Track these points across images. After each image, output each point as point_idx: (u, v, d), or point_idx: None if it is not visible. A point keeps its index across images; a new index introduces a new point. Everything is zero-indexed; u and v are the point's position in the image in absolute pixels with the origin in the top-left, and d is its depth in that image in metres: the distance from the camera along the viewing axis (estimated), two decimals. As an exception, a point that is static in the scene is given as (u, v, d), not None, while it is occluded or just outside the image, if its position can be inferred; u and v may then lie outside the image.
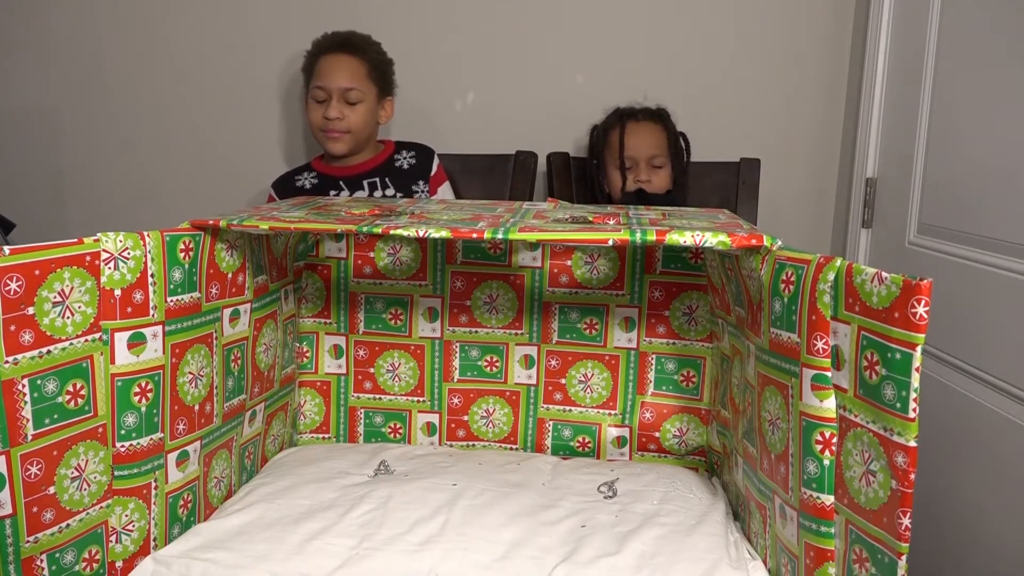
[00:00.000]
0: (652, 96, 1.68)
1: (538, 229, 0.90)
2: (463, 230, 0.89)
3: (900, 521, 0.69)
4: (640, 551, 0.92)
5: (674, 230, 0.88)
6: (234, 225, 0.95)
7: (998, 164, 1.21)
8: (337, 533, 0.96)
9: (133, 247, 0.88)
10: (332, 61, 1.58)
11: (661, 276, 1.20)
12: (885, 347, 0.70)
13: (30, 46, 1.83)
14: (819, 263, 0.78)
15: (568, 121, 1.78)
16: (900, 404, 0.69)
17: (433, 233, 0.89)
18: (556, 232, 0.89)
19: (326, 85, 1.55)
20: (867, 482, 0.73)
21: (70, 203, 1.89)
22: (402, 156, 1.65)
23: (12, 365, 0.77)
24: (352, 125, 1.56)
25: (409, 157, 1.64)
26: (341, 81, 1.56)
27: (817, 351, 0.78)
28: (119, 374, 0.88)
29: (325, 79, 1.56)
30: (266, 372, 1.15)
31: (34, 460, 0.80)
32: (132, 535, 0.92)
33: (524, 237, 0.89)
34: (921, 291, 0.66)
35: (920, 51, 1.45)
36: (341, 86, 1.55)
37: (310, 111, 1.58)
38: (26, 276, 0.78)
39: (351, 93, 1.56)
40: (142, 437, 0.91)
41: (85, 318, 0.85)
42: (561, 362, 1.24)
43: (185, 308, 0.95)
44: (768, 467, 0.89)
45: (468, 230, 0.89)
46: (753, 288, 0.92)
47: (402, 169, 1.62)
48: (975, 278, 1.24)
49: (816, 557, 0.79)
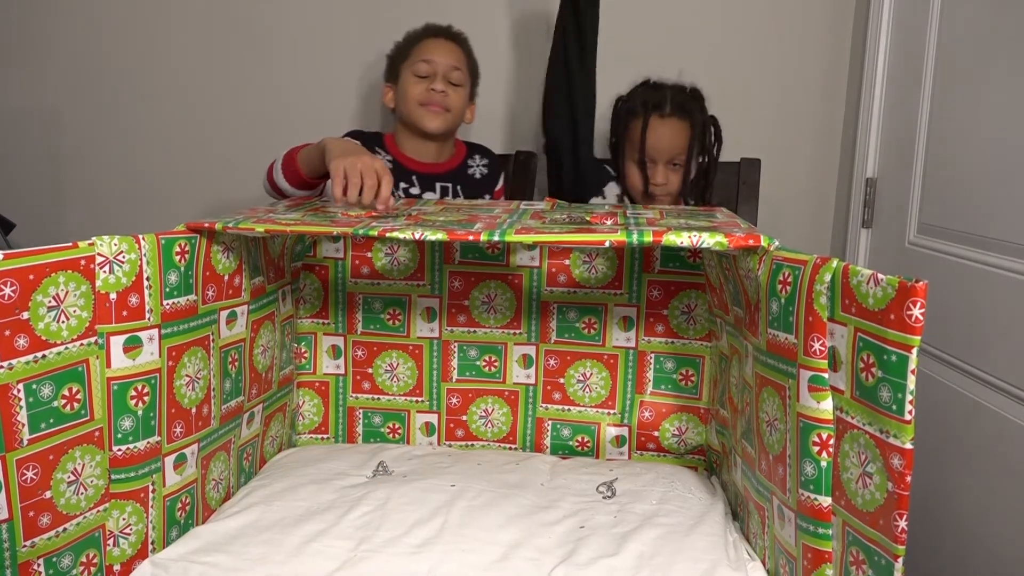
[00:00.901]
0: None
1: (535, 231, 0.90)
2: (459, 232, 0.89)
3: (896, 523, 0.68)
4: (639, 552, 0.92)
5: (671, 231, 0.87)
6: (230, 228, 0.95)
7: (998, 164, 1.20)
8: (335, 535, 0.95)
9: (128, 250, 0.87)
10: (438, 43, 1.56)
11: (659, 275, 1.20)
12: (881, 349, 0.69)
13: (30, 46, 1.83)
14: (816, 264, 0.78)
15: None
16: (896, 406, 0.68)
17: (430, 236, 0.89)
18: (553, 234, 0.89)
19: (433, 59, 1.53)
20: (864, 484, 0.73)
21: (70, 203, 1.89)
22: (475, 163, 1.63)
23: (7, 370, 0.77)
24: (452, 104, 1.53)
25: (482, 165, 1.62)
26: (449, 59, 1.54)
27: (814, 352, 0.77)
28: (115, 378, 0.88)
29: (432, 55, 1.54)
30: (264, 373, 1.15)
31: (30, 464, 0.80)
32: (130, 538, 0.92)
33: (521, 239, 0.89)
34: (917, 293, 0.66)
35: (920, 51, 1.44)
36: (449, 63, 1.54)
37: (411, 85, 1.53)
38: (20, 281, 0.77)
39: (455, 74, 1.54)
40: (139, 440, 0.91)
41: (80, 322, 0.84)
42: (560, 362, 1.23)
43: (181, 311, 0.95)
44: (766, 468, 0.88)
45: (464, 232, 0.89)
46: (751, 288, 0.92)
47: (474, 178, 1.60)
48: (975, 278, 1.24)
49: (814, 559, 0.79)
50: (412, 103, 1.53)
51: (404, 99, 1.54)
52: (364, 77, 1.81)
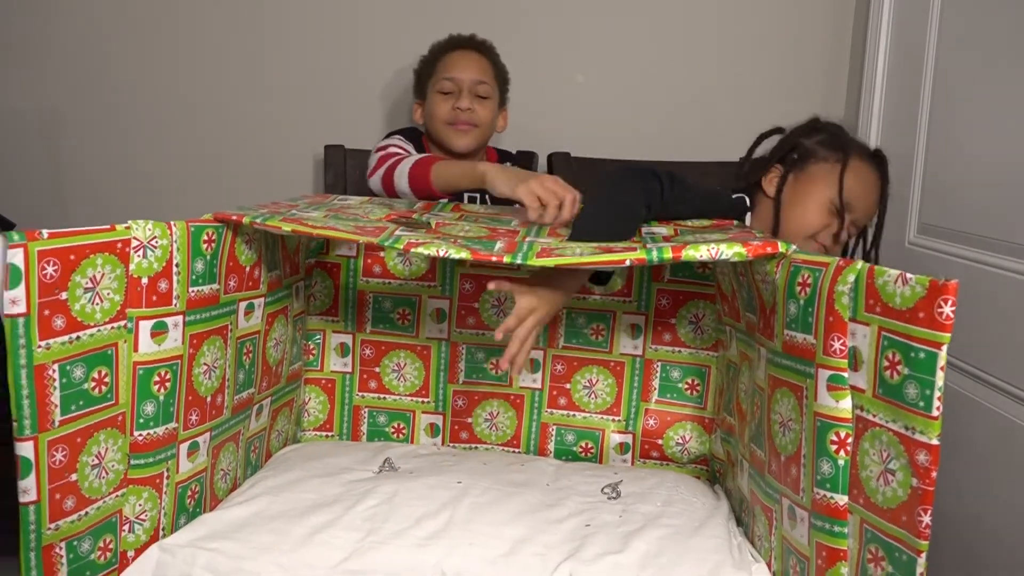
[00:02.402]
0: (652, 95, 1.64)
1: (556, 253, 0.91)
2: (483, 253, 0.90)
3: (921, 519, 0.70)
4: (644, 550, 0.94)
5: (689, 246, 0.89)
6: (257, 223, 0.96)
7: (998, 164, 1.21)
8: (342, 527, 0.96)
9: (161, 236, 0.88)
10: (462, 56, 1.54)
11: (668, 284, 1.22)
12: (908, 347, 0.72)
13: (30, 46, 1.82)
14: (839, 265, 0.80)
15: (568, 121, 1.79)
16: (924, 403, 0.71)
17: (454, 254, 0.89)
18: (574, 256, 0.90)
19: (457, 76, 1.50)
20: (885, 481, 0.75)
21: (70, 203, 1.87)
22: None
23: (44, 350, 0.78)
24: (480, 119, 1.51)
25: None
26: (473, 73, 1.51)
27: (834, 352, 0.80)
28: (141, 362, 0.88)
29: (456, 71, 1.51)
30: (274, 367, 1.16)
31: (60, 447, 0.81)
32: (144, 524, 0.92)
33: (543, 263, 0.90)
34: (948, 291, 0.69)
35: (920, 51, 1.45)
36: (473, 78, 1.51)
37: (436, 104, 1.51)
38: (62, 260, 0.78)
39: (481, 87, 1.51)
40: (159, 426, 0.91)
41: (113, 305, 0.85)
42: (566, 367, 1.26)
43: (205, 299, 0.96)
44: (777, 469, 0.91)
45: (487, 253, 0.91)
46: (766, 292, 0.94)
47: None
48: (975, 278, 1.24)
49: (828, 557, 0.81)
50: (439, 122, 1.51)
51: (431, 118, 1.52)
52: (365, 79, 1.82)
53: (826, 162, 1.27)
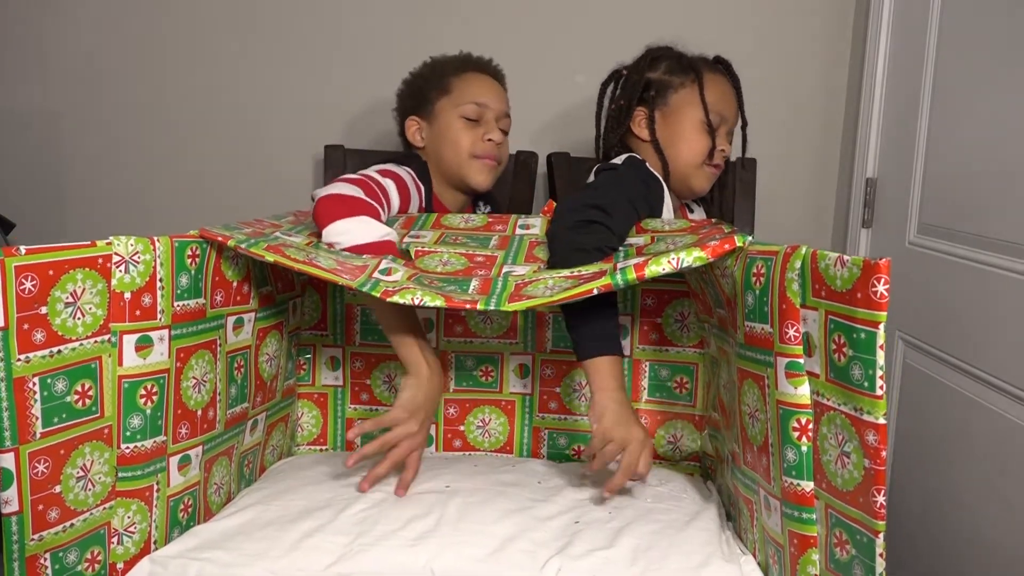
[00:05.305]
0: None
1: (527, 294, 0.96)
2: (456, 301, 0.95)
3: (875, 499, 0.70)
4: (634, 545, 0.94)
5: (651, 261, 0.92)
6: (241, 248, 0.98)
7: (998, 164, 1.21)
8: (332, 531, 0.97)
9: (143, 251, 0.91)
10: (487, 82, 1.36)
11: (652, 283, 1.23)
12: (850, 328, 0.72)
13: (30, 46, 1.83)
14: (786, 252, 0.81)
15: (568, 121, 1.79)
16: (868, 383, 0.71)
17: (428, 302, 0.94)
18: (545, 296, 0.95)
19: (487, 103, 1.32)
20: (842, 464, 0.74)
21: (70, 203, 1.88)
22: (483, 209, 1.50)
23: (24, 363, 0.80)
24: (504, 157, 1.35)
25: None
26: (502, 104, 1.34)
27: (789, 339, 0.80)
28: (126, 376, 0.90)
29: (486, 97, 1.32)
30: (269, 382, 1.17)
31: (42, 458, 0.82)
32: (133, 537, 0.93)
33: (515, 307, 0.94)
34: (880, 270, 0.69)
35: (920, 51, 1.45)
36: (502, 109, 1.34)
37: (457, 131, 1.31)
38: (41, 276, 0.80)
39: (505, 121, 1.35)
40: (146, 439, 0.93)
41: (95, 319, 0.87)
42: (555, 371, 1.26)
43: (191, 313, 0.98)
44: (751, 460, 0.91)
45: (462, 301, 0.95)
46: (727, 286, 0.95)
47: None
48: (975, 278, 1.24)
49: (800, 544, 0.80)
50: (462, 154, 1.31)
51: (448, 145, 1.32)
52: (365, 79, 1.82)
53: (683, 88, 1.31)
